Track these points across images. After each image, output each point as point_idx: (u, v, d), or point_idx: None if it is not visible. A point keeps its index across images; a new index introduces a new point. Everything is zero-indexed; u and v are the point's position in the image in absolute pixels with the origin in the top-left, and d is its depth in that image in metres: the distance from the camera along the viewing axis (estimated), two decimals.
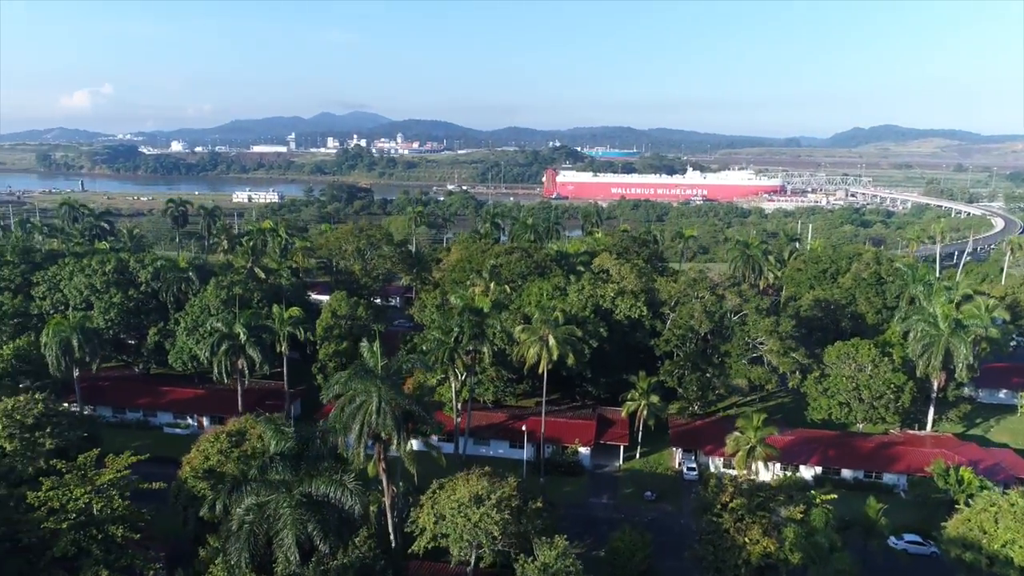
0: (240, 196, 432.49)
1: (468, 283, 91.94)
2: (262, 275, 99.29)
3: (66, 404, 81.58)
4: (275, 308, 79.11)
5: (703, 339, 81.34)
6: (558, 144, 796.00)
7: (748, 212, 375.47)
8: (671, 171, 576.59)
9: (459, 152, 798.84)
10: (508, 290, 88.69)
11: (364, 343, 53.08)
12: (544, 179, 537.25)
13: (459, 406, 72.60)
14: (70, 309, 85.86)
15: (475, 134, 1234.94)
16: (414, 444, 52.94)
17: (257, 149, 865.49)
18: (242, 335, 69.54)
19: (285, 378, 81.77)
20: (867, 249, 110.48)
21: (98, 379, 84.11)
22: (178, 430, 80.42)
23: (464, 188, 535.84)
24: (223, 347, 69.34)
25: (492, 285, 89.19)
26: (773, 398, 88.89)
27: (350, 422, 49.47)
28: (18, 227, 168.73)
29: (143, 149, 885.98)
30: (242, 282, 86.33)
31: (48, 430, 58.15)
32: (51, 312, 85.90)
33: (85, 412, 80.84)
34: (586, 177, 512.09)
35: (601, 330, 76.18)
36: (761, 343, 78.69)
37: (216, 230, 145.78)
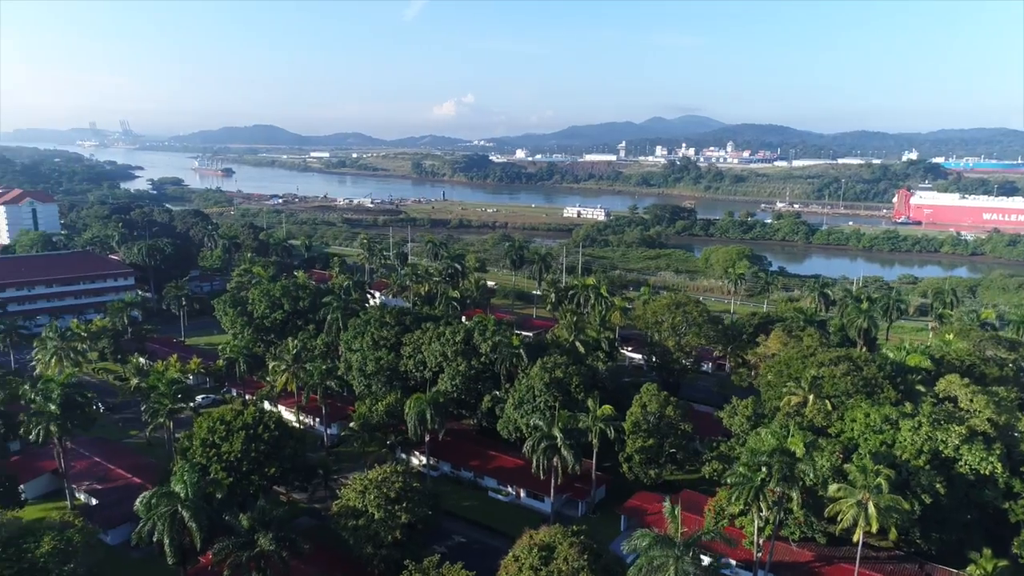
0: (570, 212, 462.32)
1: (784, 390, 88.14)
2: (582, 350, 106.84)
3: (416, 452, 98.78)
4: (590, 402, 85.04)
5: None
6: (914, 156, 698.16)
7: None
8: None
9: (793, 164, 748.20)
10: (829, 407, 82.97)
11: (667, 504, 55.09)
12: (895, 200, 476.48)
13: (760, 541, 70.49)
14: (427, 370, 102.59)
15: (814, 139, 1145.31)
16: None
17: (589, 158, 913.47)
18: (559, 438, 76.42)
19: (593, 465, 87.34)
20: None
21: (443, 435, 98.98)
22: (500, 496, 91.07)
23: (796, 206, 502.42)
24: (542, 446, 77.02)
25: (811, 398, 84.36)
26: None
27: None
28: (396, 258, 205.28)
29: (493, 157, 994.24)
30: (563, 365, 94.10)
31: (404, 505, 70.88)
32: (413, 371, 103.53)
33: (432, 461, 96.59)
34: (948, 199, 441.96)
35: (938, 486, 67.48)
36: None
37: (545, 283, 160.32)
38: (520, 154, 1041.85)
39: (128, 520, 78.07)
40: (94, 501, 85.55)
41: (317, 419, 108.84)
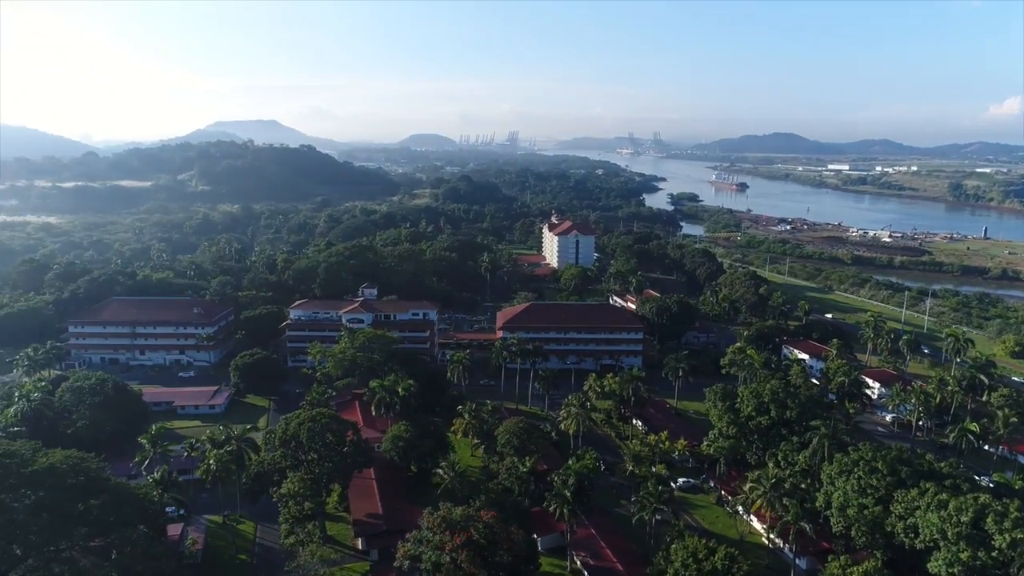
0: None
1: None
2: None
3: None
4: None
5: None
6: None
7: None
8: None
9: None
10: None
11: None
12: None
13: None
14: (918, 539, 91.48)
15: None
16: None
17: None
18: None
19: None
20: None
21: None
22: None
23: None
24: None
25: None
26: None
27: None
28: (906, 345, 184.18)
29: None
30: None
31: None
32: (901, 534, 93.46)
33: None
34: None
35: None
36: None
37: None
38: None
39: None
40: (585, 574, 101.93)
41: (787, 546, 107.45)
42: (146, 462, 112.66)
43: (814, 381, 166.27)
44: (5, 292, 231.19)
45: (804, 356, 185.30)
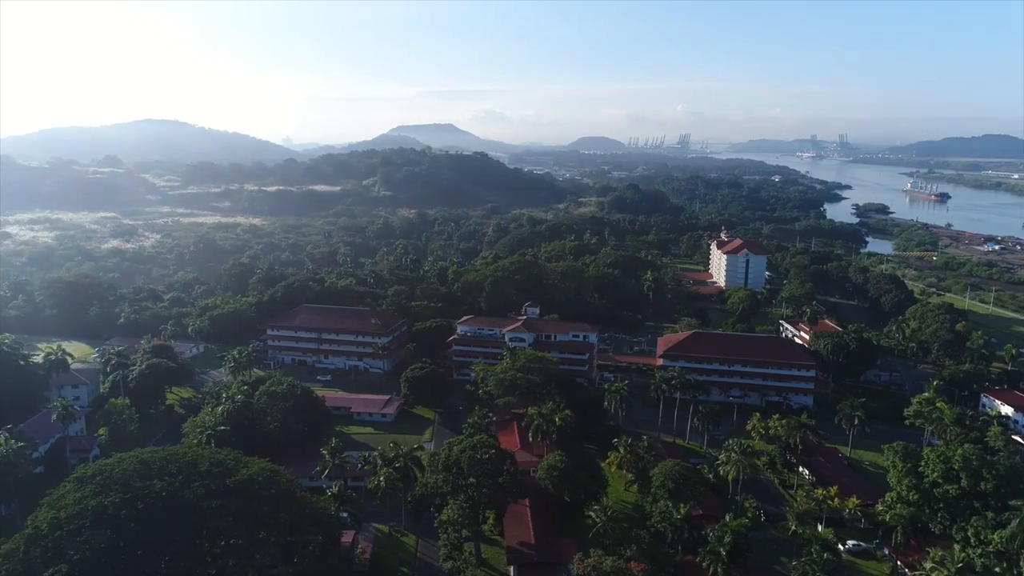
0: None
1: None
2: None
3: None
4: None
5: None
6: None
7: None
8: None
9: None
10: None
11: None
12: None
13: None
14: None
15: None
16: None
17: None
18: None
19: None
20: None
21: None
22: None
23: None
24: None
25: None
26: None
27: None
28: None
29: None
30: None
31: None
32: None
33: None
34: None
35: None
36: None
37: None
38: None
39: None
40: None
41: None
42: (325, 472, 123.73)
43: (1018, 439, 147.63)
44: (217, 292, 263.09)
45: (1008, 410, 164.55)
